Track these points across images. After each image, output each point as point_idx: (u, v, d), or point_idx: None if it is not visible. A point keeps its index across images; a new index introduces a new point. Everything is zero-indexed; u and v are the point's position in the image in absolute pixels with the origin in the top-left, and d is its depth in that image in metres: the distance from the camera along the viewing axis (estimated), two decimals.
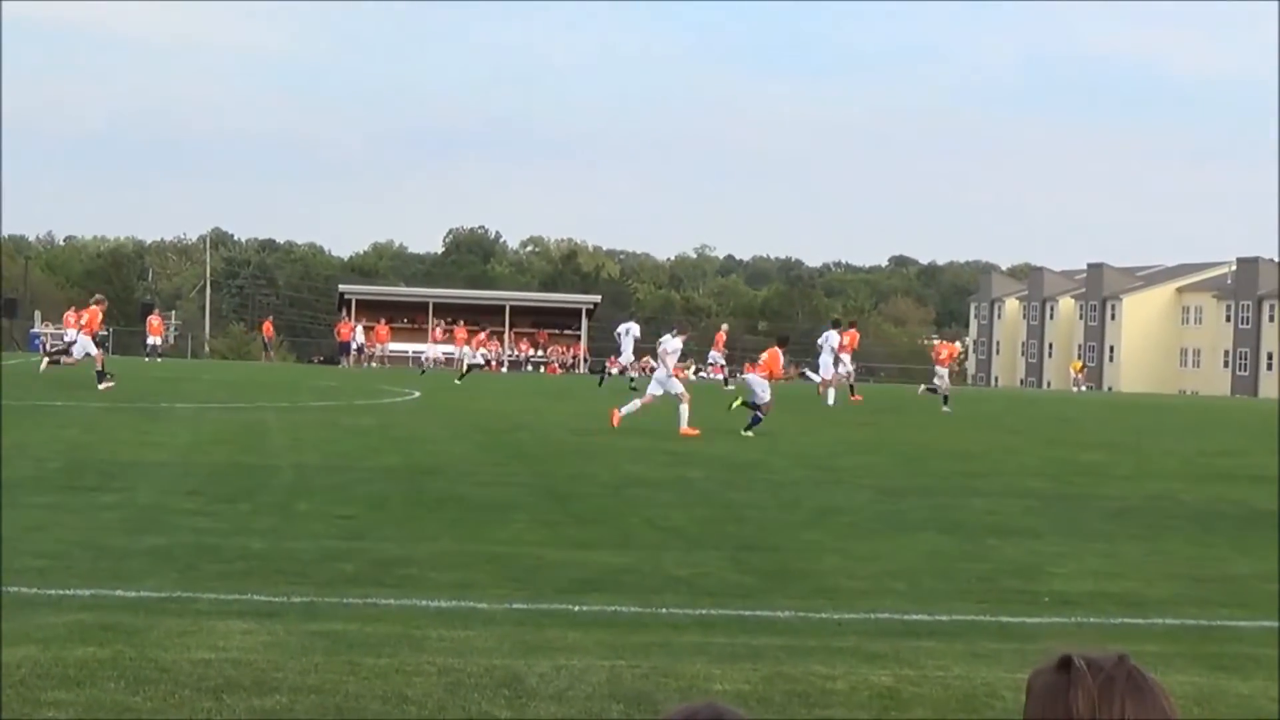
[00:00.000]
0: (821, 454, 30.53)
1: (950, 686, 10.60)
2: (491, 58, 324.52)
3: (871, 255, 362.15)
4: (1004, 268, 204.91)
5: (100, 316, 45.72)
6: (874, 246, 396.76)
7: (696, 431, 33.50)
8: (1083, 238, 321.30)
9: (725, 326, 76.92)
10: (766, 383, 36.29)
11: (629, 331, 60.82)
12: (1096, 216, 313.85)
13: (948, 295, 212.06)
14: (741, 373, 47.31)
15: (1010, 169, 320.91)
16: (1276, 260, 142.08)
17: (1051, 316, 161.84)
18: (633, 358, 62.06)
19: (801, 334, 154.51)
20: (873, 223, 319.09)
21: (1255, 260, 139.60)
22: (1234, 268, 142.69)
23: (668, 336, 37.45)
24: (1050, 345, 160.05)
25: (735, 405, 37.05)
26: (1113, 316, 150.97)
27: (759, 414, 35.37)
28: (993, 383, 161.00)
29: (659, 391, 35.75)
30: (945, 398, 51.30)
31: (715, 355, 74.09)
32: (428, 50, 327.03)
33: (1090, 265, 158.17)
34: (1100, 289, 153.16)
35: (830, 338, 56.10)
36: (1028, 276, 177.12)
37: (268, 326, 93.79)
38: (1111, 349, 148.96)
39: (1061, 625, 13.00)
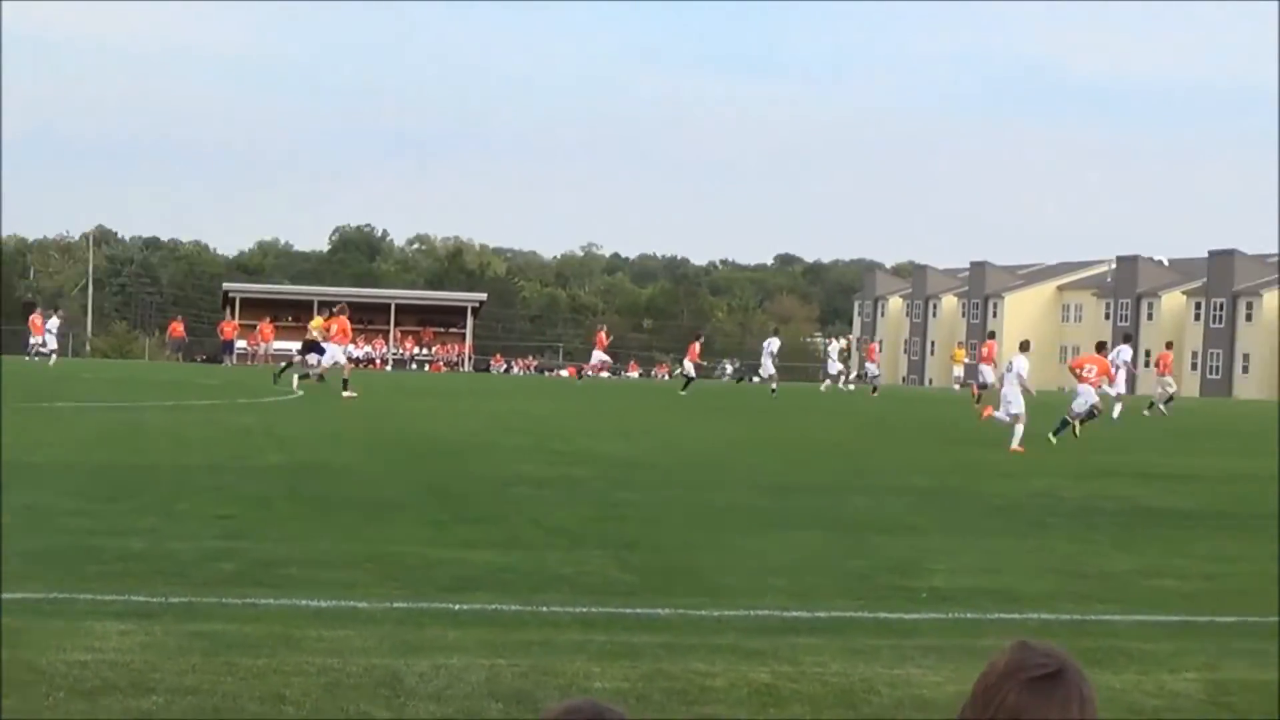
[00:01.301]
0: (706, 452, 30.63)
1: (828, 683, 10.69)
2: (376, 56, 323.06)
3: (757, 254, 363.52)
4: (888, 266, 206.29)
5: None
6: (760, 245, 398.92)
7: None
8: (966, 237, 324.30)
9: (604, 327, 79.16)
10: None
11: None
12: (980, 215, 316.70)
13: (832, 293, 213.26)
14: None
15: (895, 168, 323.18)
16: (1157, 259, 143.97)
17: (934, 314, 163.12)
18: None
19: (684, 330, 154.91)
20: (759, 222, 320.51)
21: (1135, 259, 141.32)
22: (1114, 266, 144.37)
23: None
24: (933, 343, 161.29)
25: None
26: (995, 314, 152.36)
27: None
28: (841, 380, 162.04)
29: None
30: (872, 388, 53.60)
31: (598, 355, 74.47)
32: (311, 47, 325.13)
33: (973, 263, 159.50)
34: (983, 287, 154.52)
35: (772, 344, 63.80)
36: (911, 275, 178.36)
37: (176, 327, 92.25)
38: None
39: (939, 621, 13.13)
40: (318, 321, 50.69)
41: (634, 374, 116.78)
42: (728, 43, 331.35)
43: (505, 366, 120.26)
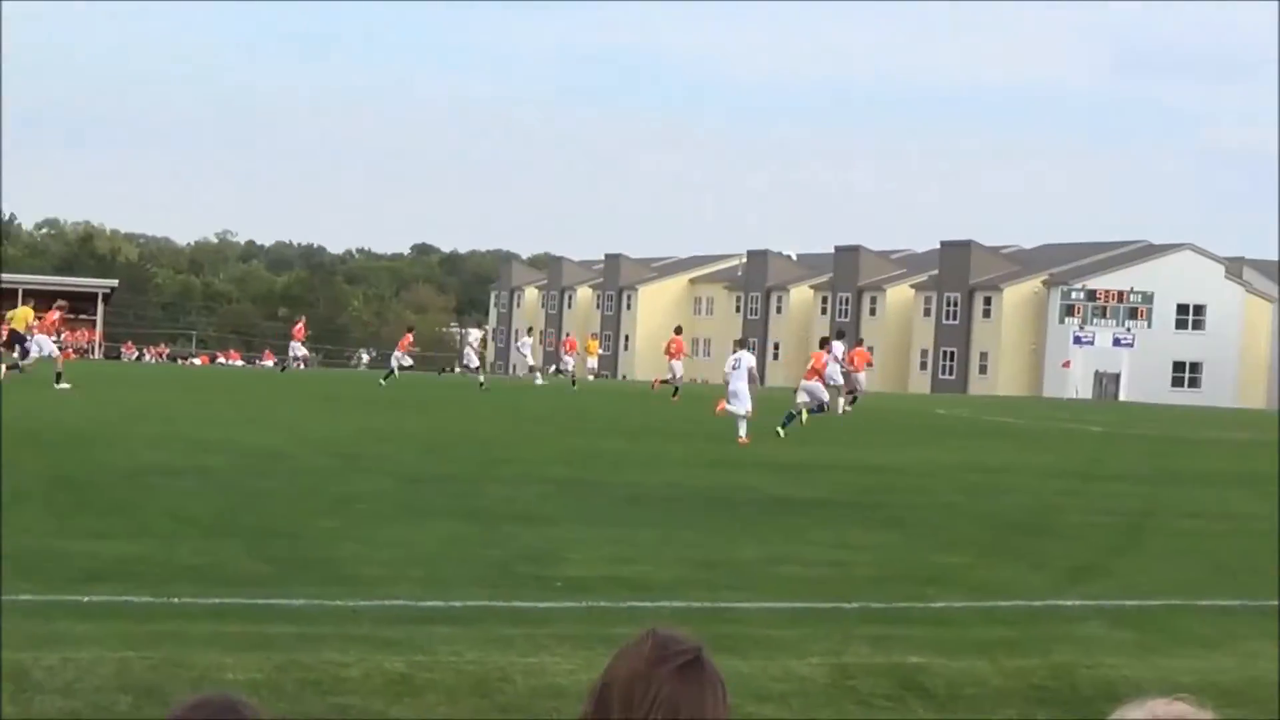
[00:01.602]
0: (343, 441, 30.44)
1: (463, 672, 10.74)
2: (13, 38, 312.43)
3: (394, 243, 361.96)
4: (524, 257, 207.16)
5: None
6: (396, 234, 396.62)
7: None
8: (602, 229, 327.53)
9: (303, 319, 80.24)
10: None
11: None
12: (615, 209, 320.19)
13: (469, 284, 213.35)
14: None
15: (532, 160, 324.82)
16: (786, 253, 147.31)
17: (570, 305, 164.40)
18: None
19: (322, 319, 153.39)
20: (395, 210, 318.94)
21: (765, 253, 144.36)
22: (744, 260, 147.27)
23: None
24: (568, 334, 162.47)
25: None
26: (629, 306, 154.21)
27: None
28: (511, 370, 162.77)
29: None
30: (676, 389, 56.75)
31: (296, 347, 73.91)
32: None
33: (608, 256, 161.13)
34: (617, 279, 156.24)
35: (472, 334, 67.47)
36: (547, 266, 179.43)
37: None
38: (627, 338, 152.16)
39: (573, 610, 13.29)
40: (24, 312, 49.26)
41: (269, 363, 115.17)
42: (351, 31, 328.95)
43: (137, 354, 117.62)
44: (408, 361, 66.09)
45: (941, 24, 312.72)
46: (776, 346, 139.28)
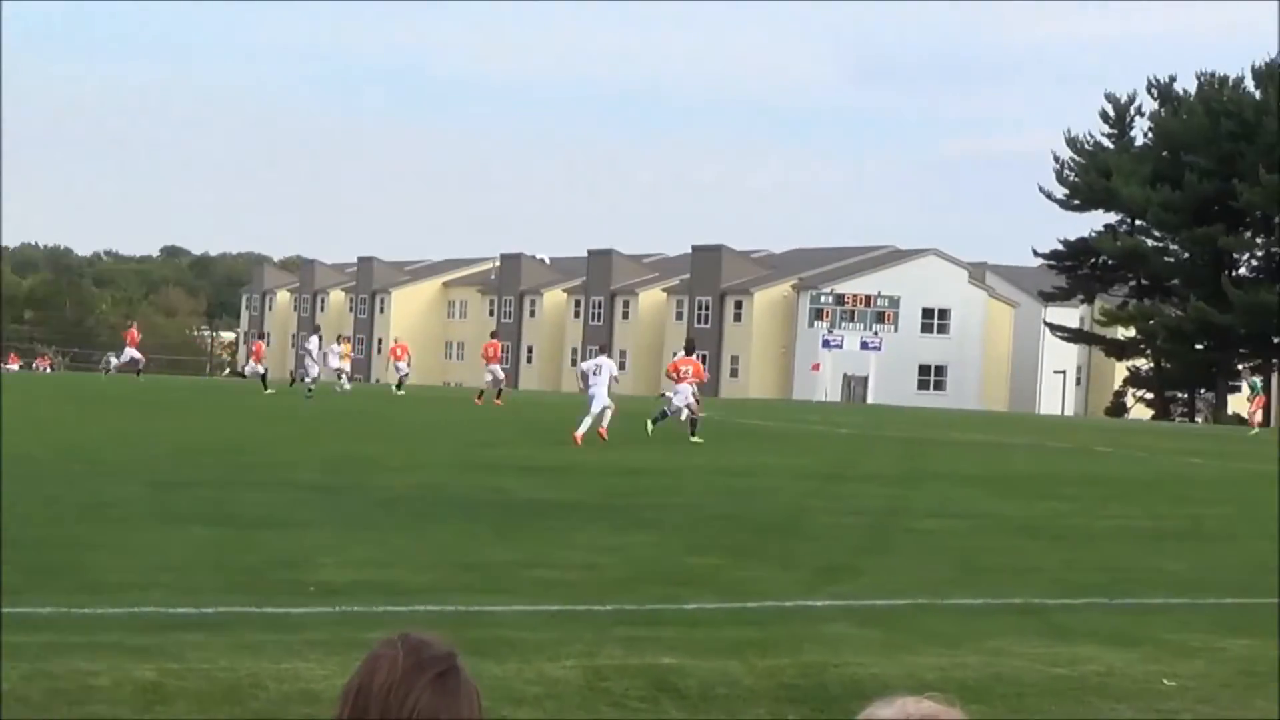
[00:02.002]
0: (91, 446, 29.89)
1: (215, 679, 10.64)
2: None
3: (142, 245, 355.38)
4: (276, 260, 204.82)
5: None
6: (145, 236, 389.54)
7: None
8: (353, 232, 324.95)
9: (135, 323, 77.86)
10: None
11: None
12: (367, 211, 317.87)
13: (220, 286, 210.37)
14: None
15: (283, 161, 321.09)
16: (539, 257, 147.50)
17: (322, 309, 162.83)
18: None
19: (68, 322, 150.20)
20: (144, 212, 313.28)
21: (518, 256, 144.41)
22: (498, 264, 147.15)
23: None
24: (321, 338, 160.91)
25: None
26: (382, 309, 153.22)
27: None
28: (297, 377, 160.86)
29: None
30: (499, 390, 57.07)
31: (130, 352, 71.19)
32: None
33: (361, 259, 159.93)
34: (370, 282, 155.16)
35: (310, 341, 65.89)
36: (300, 269, 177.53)
37: None
38: (380, 341, 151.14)
39: (327, 615, 13.22)
40: None
41: (14, 366, 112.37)
42: (84, 26, 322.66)
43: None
44: (262, 369, 64.54)
45: (692, 27, 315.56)
46: (530, 350, 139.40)
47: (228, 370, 63.72)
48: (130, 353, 69.47)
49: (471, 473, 27.97)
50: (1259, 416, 66.58)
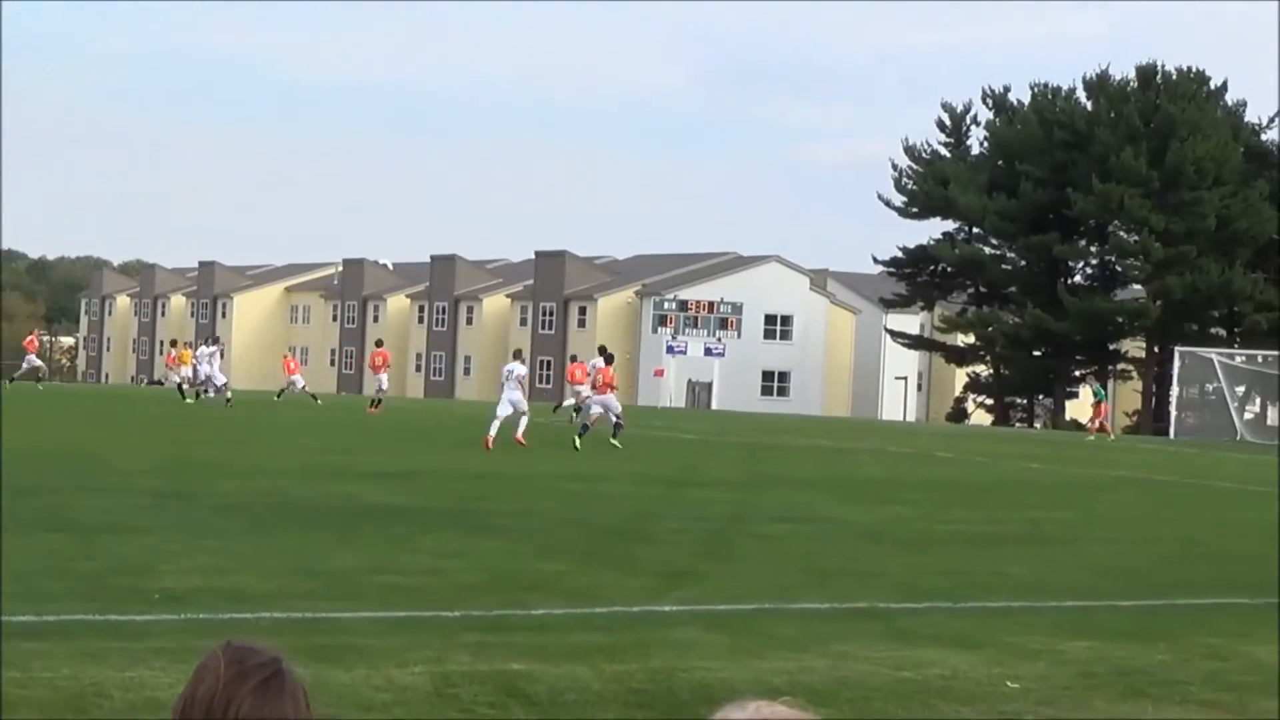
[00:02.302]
0: None
1: (58, 688, 10.49)
2: None
3: None
4: (116, 264, 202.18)
5: None
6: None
7: None
8: (194, 236, 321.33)
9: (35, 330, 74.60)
10: None
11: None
12: (208, 215, 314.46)
13: (58, 291, 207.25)
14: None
15: (124, 165, 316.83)
16: (382, 262, 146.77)
17: (163, 314, 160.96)
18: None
19: None
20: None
21: (361, 262, 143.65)
22: (341, 269, 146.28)
23: None
24: (162, 342, 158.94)
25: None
26: (224, 315, 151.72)
27: None
28: (104, 379, 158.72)
29: None
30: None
31: (31, 359, 69.20)
32: None
33: (202, 263, 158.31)
34: (212, 287, 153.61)
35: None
36: (140, 273, 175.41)
37: None
38: (223, 347, 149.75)
39: (171, 622, 13.07)
40: None
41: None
42: None
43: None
44: (178, 379, 62.49)
45: (536, 31, 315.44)
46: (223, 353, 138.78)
47: (145, 380, 60.98)
48: (31, 360, 67.95)
49: (317, 479, 27.77)
50: (1099, 423, 67.72)
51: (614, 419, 40.79)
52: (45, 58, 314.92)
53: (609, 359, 43.72)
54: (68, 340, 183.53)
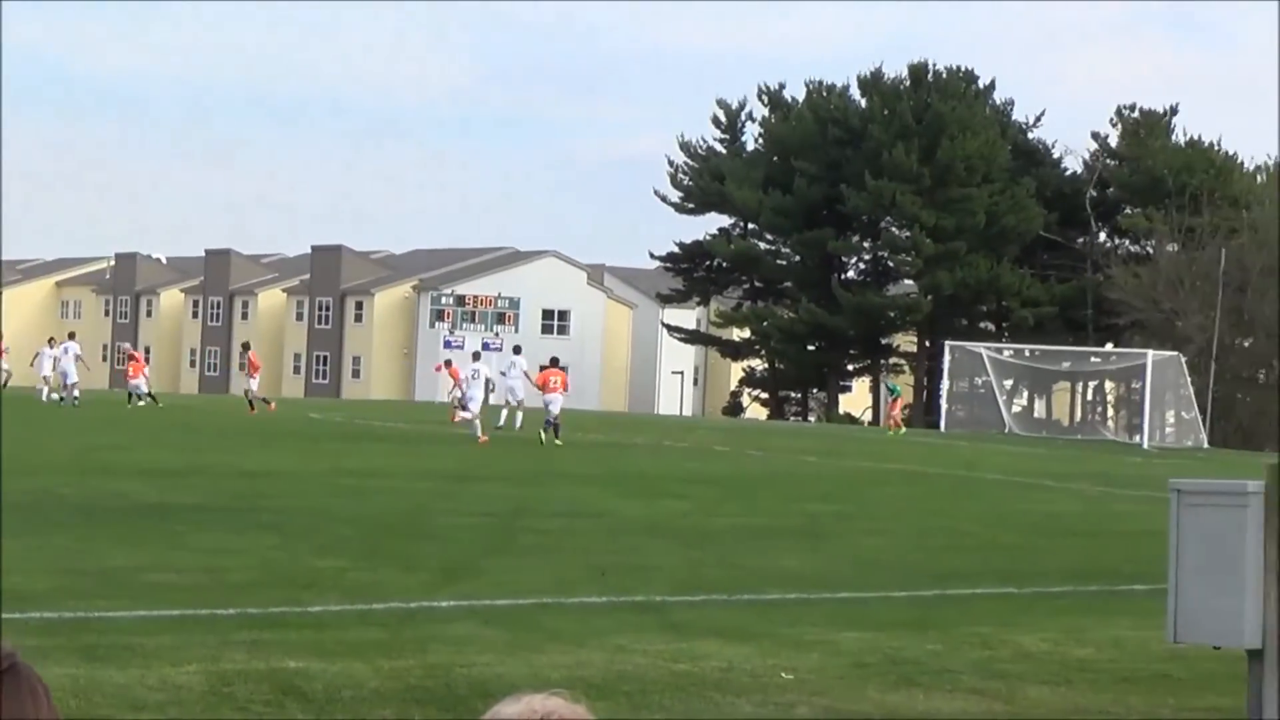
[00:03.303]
0: None
1: None
2: None
3: None
4: None
5: None
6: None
7: None
8: None
9: None
10: None
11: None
12: None
13: None
14: None
15: None
16: (155, 256, 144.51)
17: None
18: None
19: None
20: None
21: (134, 256, 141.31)
22: (113, 263, 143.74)
23: None
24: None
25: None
26: None
27: None
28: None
29: None
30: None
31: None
32: None
33: None
34: None
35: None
36: None
37: None
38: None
39: None
40: None
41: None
42: None
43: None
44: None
45: (311, 23, 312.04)
46: (148, 350, 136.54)
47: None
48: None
49: (88, 476, 27.29)
50: (894, 418, 68.88)
51: (555, 416, 43.81)
52: None
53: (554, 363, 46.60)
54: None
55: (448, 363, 63.90)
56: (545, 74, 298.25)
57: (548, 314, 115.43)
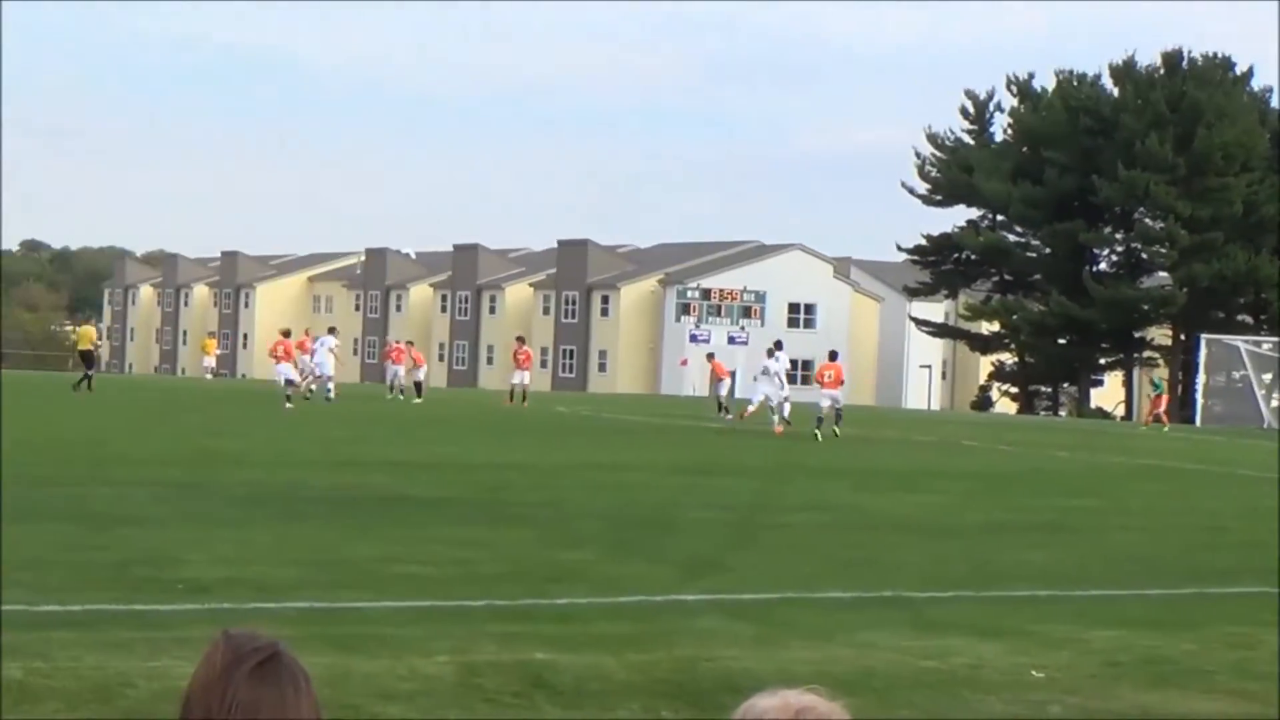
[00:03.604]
0: None
1: (83, 677, 10.48)
2: None
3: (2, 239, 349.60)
4: (138, 254, 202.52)
5: None
6: (4, 230, 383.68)
7: None
8: (217, 226, 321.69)
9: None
10: None
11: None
12: (230, 206, 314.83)
13: (82, 281, 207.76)
14: None
15: (146, 156, 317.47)
16: (405, 251, 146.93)
17: (186, 304, 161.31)
18: None
19: None
20: (4, 206, 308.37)
21: (384, 251, 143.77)
22: (364, 258, 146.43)
23: None
24: (185, 332, 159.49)
25: None
26: (246, 304, 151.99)
27: None
28: (127, 369, 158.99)
29: None
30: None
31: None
32: None
33: (225, 253, 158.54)
34: (234, 277, 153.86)
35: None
36: (162, 263, 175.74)
37: None
38: (245, 336, 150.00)
39: (195, 612, 13.06)
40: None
41: None
42: None
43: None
44: (420, 376, 62.07)
45: (536, 24, 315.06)
46: (411, 343, 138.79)
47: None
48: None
49: (338, 469, 27.76)
50: (1156, 414, 67.56)
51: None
52: (64, 46, 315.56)
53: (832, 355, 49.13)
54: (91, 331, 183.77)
55: (710, 356, 64.41)
56: (788, 70, 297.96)
57: (794, 307, 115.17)
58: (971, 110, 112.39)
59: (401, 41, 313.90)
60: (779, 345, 49.74)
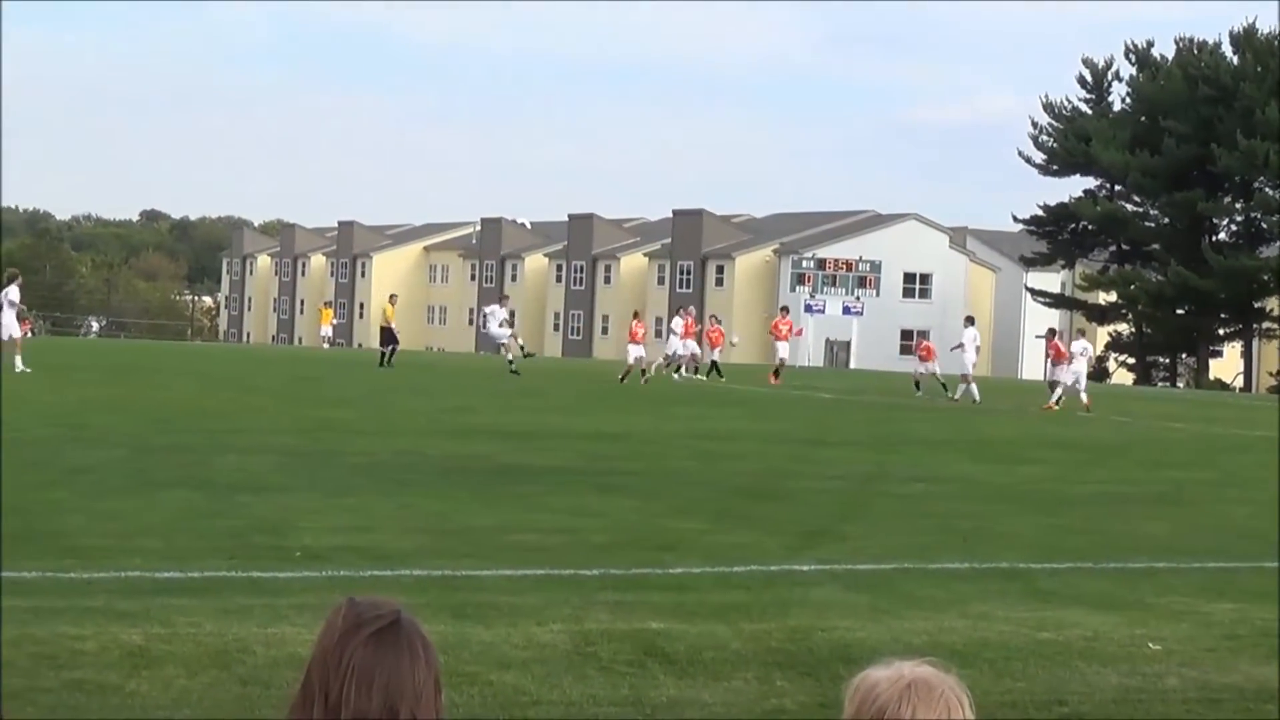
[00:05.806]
0: (68, 413, 29.78)
1: (202, 643, 10.63)
2: None
3: (122, 209, 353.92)
4: (256, 224, 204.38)
5: None
6: (125, 200, 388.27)
7: None
8: (333, 196, 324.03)
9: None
10: None
11: None
12: (346, 175, 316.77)
13: (200, 251, 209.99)
14: None
15: (263, 126, 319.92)
16: (520, 221, 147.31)
17: (303, 273, 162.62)
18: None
19: (48, 287, 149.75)
20: (123, 176, 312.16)
21: (499, 221, 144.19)
22: (479, 228, 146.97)
23: None
24: (302, 302, 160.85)
25: None
26: (363, 274, 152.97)
27: None
28: (245, 339, 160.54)
29: None
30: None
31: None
32: None
33: (341, 223, 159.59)
34: (351, 246, 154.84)
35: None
36: (280, 233, 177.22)
37: None
38: (362, 305, 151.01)
39: (312, 579, 13.20)
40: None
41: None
42: None
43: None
44: (716, 353, 60.95)
45: None
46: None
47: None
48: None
49: (451, 438, 27.91)
50: None
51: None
52: (184, 19, 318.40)
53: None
54: (208, 300, 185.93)
55: (1052, 333, 63.89)
56: (904, 40, 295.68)
57: (909, 277, 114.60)
58: (1090, 79, 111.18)
59: (518, 12, 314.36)
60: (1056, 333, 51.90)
